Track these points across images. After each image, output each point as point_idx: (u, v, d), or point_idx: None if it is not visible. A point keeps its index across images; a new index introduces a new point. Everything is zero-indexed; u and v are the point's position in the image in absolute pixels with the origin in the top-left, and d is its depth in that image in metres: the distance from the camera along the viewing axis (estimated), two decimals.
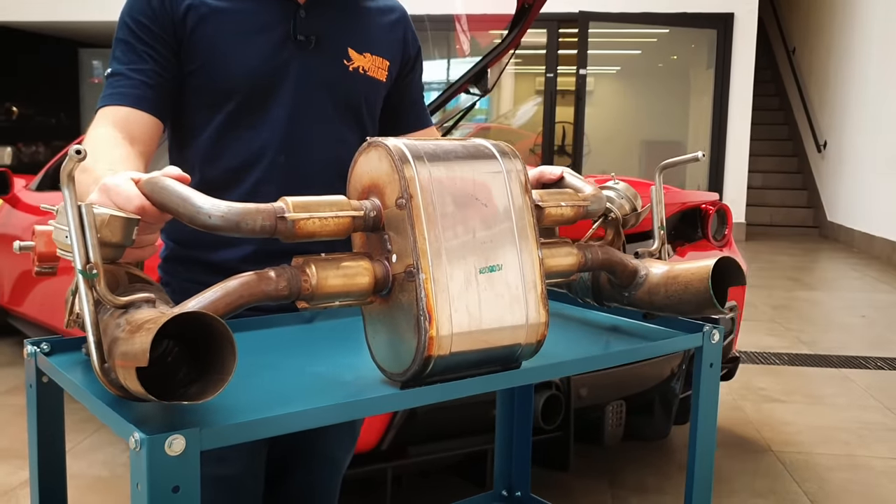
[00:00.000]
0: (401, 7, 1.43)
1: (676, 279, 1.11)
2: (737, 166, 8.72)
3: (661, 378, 2.62)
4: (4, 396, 3.44)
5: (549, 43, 8.74)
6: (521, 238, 0.94)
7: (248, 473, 1.29)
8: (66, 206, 0.76)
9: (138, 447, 0.71)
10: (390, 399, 0.88)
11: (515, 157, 0.97)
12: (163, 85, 1.21)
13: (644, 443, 2.97)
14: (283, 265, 0.86)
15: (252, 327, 1.17)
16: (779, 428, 3.24)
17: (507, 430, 1.50)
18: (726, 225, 3.09)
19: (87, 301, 0.76)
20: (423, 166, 0.90)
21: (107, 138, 1.11)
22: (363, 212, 0.90)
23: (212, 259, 1.25)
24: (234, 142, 1.25)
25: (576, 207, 1.09)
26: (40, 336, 3.34)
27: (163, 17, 1.21)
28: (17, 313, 4.05)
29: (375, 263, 0.90)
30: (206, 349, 0.73)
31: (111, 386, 0.76)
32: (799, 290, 6.16)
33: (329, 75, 1.29)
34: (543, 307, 0.94)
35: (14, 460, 2.80)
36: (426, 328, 0.86)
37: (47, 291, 3.68)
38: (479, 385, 0.94)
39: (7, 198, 4.11)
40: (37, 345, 1.00)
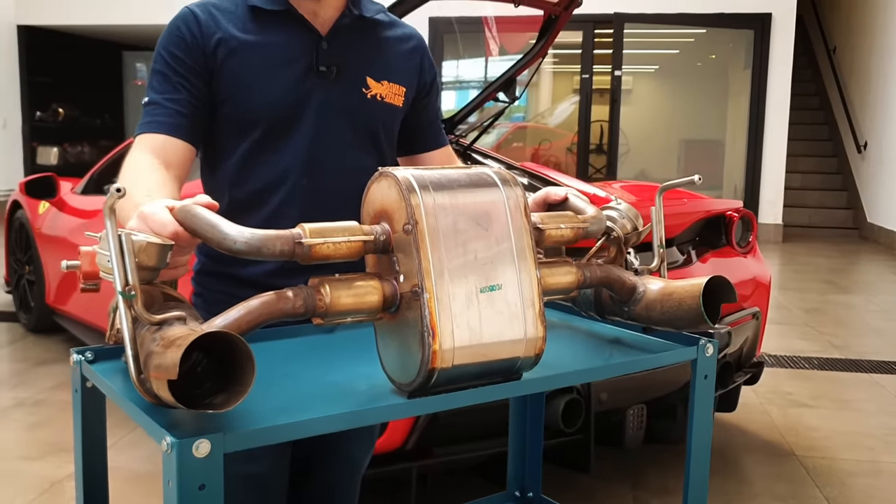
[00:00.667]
0: (418, 35, 1.51)
1: (671, 296, 1.18)
2: (774, 167, 8.66)
3: (682, 383, 2.67)
4: (50, 392, 3.60)
5: (585, 44, 8.76)
6: (520, 259, 1.02)
7: (275, 472, 1.39)
8: (108, 235, 0.85)
9: (169, 449, 0.80)
10: (397, 408, 0.97)
11: (516, 184, 1.05)
12: (195, 113, 1.31)
13: (666, 446, 3.02)
14: (301, 285, 0.95)
15: (276, 337, 1.27)
16: (804, 433, 3.27)
17: (520, 434, 1.58)
18: (751, 232, 3.13)
19: (126, 319, 0.85)
20: (429, 194, 0.98)
21: (145, 164, 1.21)
22: (373, 236, 0.99)
23: (240, 273, 1.35)
24: (260, 166, 1.35)
25: (575, 229, 1.16)
26: (83, 333, 3.51)
27: (195, 50, 1.31)
28: (62, 312, 4.22)
29: (385, 283, 0.99)
30: (230, 363, 0.83)
31: (146, 394, 0.86)
32: (834, 293, 6.13)
33: (348, 103, 1.38)
34: (541, 323, 1.02)
35: (60, 454, 2.94)
36: (429, 343, 0.94)
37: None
38: (481, 395, 1.02)
39: (54, 201, 4.28)
40: (82, 353, 1.10)
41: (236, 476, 1.33)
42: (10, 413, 3.34)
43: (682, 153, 10.09)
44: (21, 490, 2.66)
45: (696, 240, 3.02)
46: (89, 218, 3.97)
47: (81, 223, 4.00)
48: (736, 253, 3.04)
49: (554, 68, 11.04)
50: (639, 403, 2.60)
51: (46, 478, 2.75)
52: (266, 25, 1.35)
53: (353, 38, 1.40)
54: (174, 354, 0.79)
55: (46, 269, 4.33)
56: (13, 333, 4.57)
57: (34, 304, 4.49)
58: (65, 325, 4.24)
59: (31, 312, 4.55)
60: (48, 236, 4.27)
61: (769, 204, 8.70)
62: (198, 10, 1.33)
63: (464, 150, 3.74)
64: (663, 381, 2.63)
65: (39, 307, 4.42)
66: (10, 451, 2.97)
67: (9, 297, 5.00)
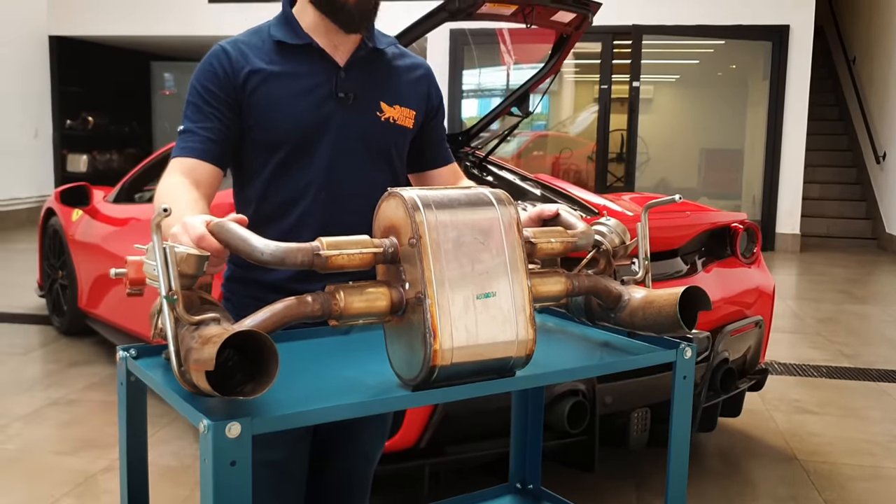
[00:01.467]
0: (426, 65, 1.66)
1: (652, 304, 1.31)
2: (791, 178, 8.72)
3: None
4: (84, 392, 3.77)
5: (604, 55, 8.88)
6: (513, 270, 1.15)
7: (294, 460, 1.53)
8: (155, 248, 1.00)
9: (206, 431, 0.94)
10: (402, 400, 1.11)
11: (510, 203, 1.19)
12: (224, 140, 1.46)
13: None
14: (318, 291, 1.09)
15: (299, 337, 1.41)
16: (807, 438, 3.37)
17: (521, 430, 1.71)
18: (755, 243, 3.23)
19: (169, 319, 1.00)
20: (431, 212, 1.12)
21: (179, 185, 1.37)
22: (383, 248, 1.12)
23: (265, 278, 1.49)
24: (284, 182, 1.50)
25: (565, 243, 1.29)
26: (114, 336, 3.73)
27: (226, 83, 1.46)
28: (93, 315, 4.39)
29: (392, 290, 1.13)
30: (257, 357, 0.97)
31: (186, 384, 1.00)
32: (848, 303, 6.19)
33: (364, 126, 1.53)
34: (531, 326, 1.15)
35: (94, 450, 3.10)
36: (431, 343, 1.07)
37: (121, 296, 4.00)
38: (477, 389, 1.15)
39: (87, 209, 4.46)
40: (127, 350, 1.24)
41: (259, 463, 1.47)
42: (44, 411, 3.51)
43: (702, 162, 10.16)
44: (57, 483, 2.82)
45: (702, 250, 3.13)
46: (121, 225, 4.14)
47: (113, 230, 4.18)
48: (740, 263, 3.14)
49: (575, 77, 11.15)
50: (643, 407, 2.72)
51: (81, 472, 2.91)
52: (290, 57, 1.50)
53: (368, 68, 1.54)
54: (211, 350, 0.93)
55: (79, 274, 4.51)
56: (46, 336, 4.76)
57: (67, 307, 4.67)
58: (96, 327, 4.41)
59: (63, 316, 4.74)
60: (81, 243, 4.45)
61: (787, 214, 8.75)
62: (228, 47, 1.49)
63: (479, 162, 3.88)
64: (667, 385, 2.74)
65: (72, 311, 4.61)
66: (45, 447, 3.14)
67: (42, 301, 5.20)
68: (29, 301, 5.50)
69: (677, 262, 2.91)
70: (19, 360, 4.29)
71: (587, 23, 3.10)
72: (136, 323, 3.81)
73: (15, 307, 5.42)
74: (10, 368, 4.12)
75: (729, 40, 9.22)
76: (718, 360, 2.81)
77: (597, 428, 2.55)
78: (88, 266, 4.38)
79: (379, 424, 1.68)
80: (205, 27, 9.72)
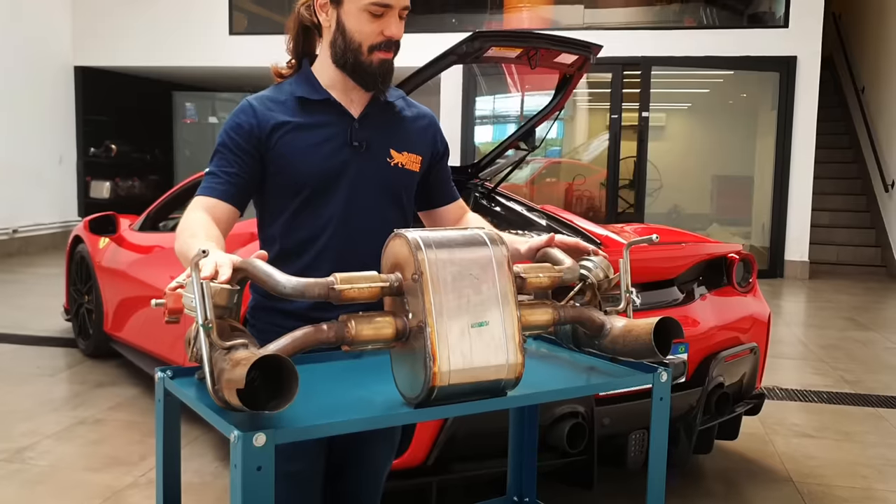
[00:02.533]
0: (431, 114, 1.84)
1: (631, 332, 1.46)
2: (800, 206, 8.83)
3: (683, 411, 2.92)
4: (109, 412, 3.94)
5: (614, 85, 9.05)
6: (504, 302, 1.31)
7: (312, 471, 1.69)
8: (193, 282, 1.17)
9: (236, 441, 1.11)
10: (405, 416, 1.27)
11: (502, 243, 1.35)
12: (243, 185, 1.64)
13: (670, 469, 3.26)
14: (333, 321, 1.25)
15: (316, 360, 1.57)
16: (803, 461, 3.49)
17: (518, 446, 1.86)
18: (751, 273, 3.38)
19: (204, 344, 1.16)
20: (432, 251, 1.28)
21: (200, 220, 1.55)
22: (389, 283, 1.29)
23: (286, 307, 1.66)
24: (305, 221, 1.68)
25: (552, 277, 1.45)
26: (137, 358, 3.97)
27: (251, 135, 1.65)
28: (117, 338, 4.58)
29: (397, 319, 1.29)
30: (280, 377, 1.13)
31: (219, 401, 1.16)
32: (853, 330, 6.29)
33: (376, 170, 1.70)
34: (520, 352, 1.31)
35: (121, 467, 3.27)
36: (430, 366, 1.23)
37: (144, 321, 4.19)
38: (472, 407, 1.31)
39: (113, 237, 4.67)
40: (164, 372, 1.41)
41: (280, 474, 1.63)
42: (73, 430, 3.69)
43: (714, 190, 10.29)
44: (85, 498, 2.99)
45: (699, 279, 3.27)
46: (146, 253, 4.34)
47: (139, 257, 4.37)
48: (736, 292, 3.28)
49: (590, 105, 11.33)
50: (640, 429, 2.86)
51: (109, 487, 3.08)
52: (310, 111, 1.68)
53: (379, 119, 1.72)
54: (241, 371, 1.10)
55: (105, 299, 4.70)
56: (72, 358, 4.94)
57: (92, 330, 4.86)
58: (120, 350, 4.60)
59: (89, 339, 4.93)
60: (107, 269, 4.65)
61: (795, 241, 8.86)
62: (255, 103, 1.68)
63: (488, 193, 4.06)
64: None
65: (97, 334, 4.80)
66: (74, 464, 3.31)
67: (68, 325, 5.39)
68: (55, 324, 5.70)
69: (674, 291, 3.05)
70: (47, 381, 4.47)
71: (588, 64, 3.28)
72: (157, 346, 3.99)
73: (42, 330, 5.62)
74: (38, 389, 4.30)
75: (737, 72, 9.39)
76: (713, 384, 2.95)
77: (595, 448, 2.69)
78: (114, 291, 4.57)
79: (388, 442, 1.85)
80: (225, 58, 10.00)
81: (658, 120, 10.75)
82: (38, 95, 9.91)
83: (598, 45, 3.23)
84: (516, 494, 1.88)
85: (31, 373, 4.60)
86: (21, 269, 8.44)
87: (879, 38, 10.18)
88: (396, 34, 1.65)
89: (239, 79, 11.24)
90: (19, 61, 9.54)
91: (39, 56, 9.92)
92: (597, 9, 10.65)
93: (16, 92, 9.49)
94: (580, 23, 10.27)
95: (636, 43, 9.05)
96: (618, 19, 10.65)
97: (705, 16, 10.05)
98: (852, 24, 11.70)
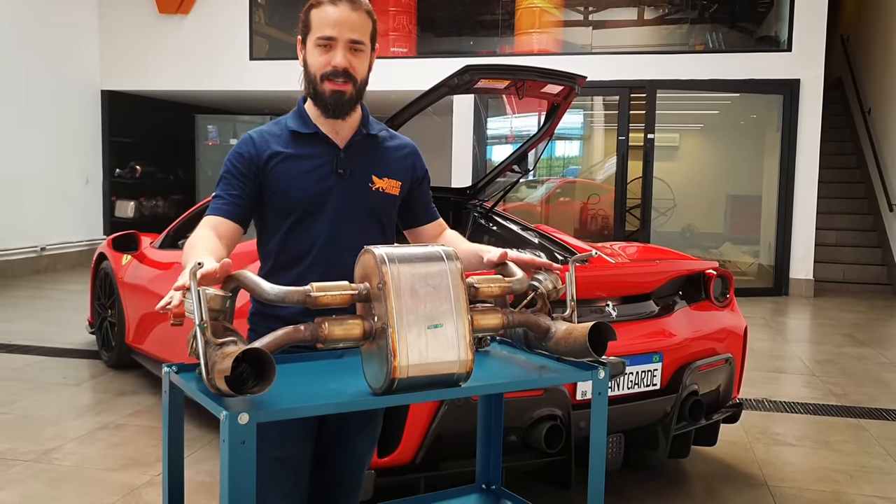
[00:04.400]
0: (412, 144, 2.09)
1: (570, 335, 1.69)
2: (804, 225, 8.99)
3: (657, 416, 3.13)
4: (130, 418, 4.21)
5: (621, 108, 9.28)
6: (457, 308, 1.55)
7: (299, 457, 1.93)
8: (192, 290, 1.42)
9: (224, 420, 1.35)
10: (367, 401, 1.51)
11: (457, 259, 1.59)
12: (244, 206, 1.89)
13: (650, 470, 3.47)
14: (310, 322, 1.50)
15: (303, 360, 1.81)
16: (780, 467, 3.68)
17: (486, 439, 2.09)
18: (729, 289, 3.59)
19: (200, 341, 1.41)
20: (395, 265, 1.53)
21: (203, 236, 1.81)
22: (358, 291, 1.53)
23: (279, 314, 1.90)
24: (296, 239, 1.93)
25: (502, 287, 1.69)
26: (157, 368, 4.32)
27: (251, 163, 1.91)
28: (139, 350, 4.85)
29: (365, 321, 1.53)
30: (262, 368, 1.37)
31: (212, 388, 1.41)
32: (849, 346, 6.44)
33: (358, 194, 1.95)
34: (470, 350, 1.55)
35: (139, 467, 3.53)
36: (391, 361, 1.47)
37: (163, 333, 4.46)
38: (428, 396, 1.55)
39: (135, 254, 4.95)
40: (170, 367, 1.66)
41: (272, 459, 1.88)
42: (95, 434, 3.95)
43: (726, 208, 10.47)
44: (106, 494, 3.25)
45: (679, 294, 3.49)
46: (165, 269, 4.61)
47: (158, 273, 4.65)
48: (713, 307, 3.49)
49: (606, 126, 11.55)
50: (617, 433, 3.08)
51: (127, 485, 3.33)
52: (301, 142, 1.94)
53: (362, 149, 1.98)
54: (228, 361, 1.34)
55: (127, 313, 4.98)
56: (96, 369, 5.23)
57: (115, 343, 5.15)
58: (141, 361, 4.87)
59: (111, 350, 5.21)
60: (129, 284, 4.93)
61: (800, 260, 9.01)
62: (255, 136, 1.95)
63: (486, 214, 4.30)
64: (639, 413, 3.10)
65: (119, 346, 5.08)
66: (96, 464, 3.57)
67: (92, 337, 5.68)
68: (80, 337, 6.00)
69: (650, 305, 3.27)
70: (73, 390, 4.75)
71: (574, 94, 3.52)
72: (175, 357, 4.25)
73: (68, 343, 5.92)
74: (64, 397, 4.58)
75: (742, 94, 9.59)
76: (687, 391, 3.16)
77: (572, 449, 2.91)
78: (135, 305, 4.85)
79: (369, 431, 2.08)
80: (246, 82, 10.36)
81: (671, 140, 10.95)
82: (66, 118, 10.30)
83: (583, 76, 3.47)
84: (484, 482, 2.10)
85: (58, 382, 4.89)
86: (49, 286, 8.78)
87: (886, 60, 10.35)
88: (340, 63, 1.87)
89: (259, 102, 11.62)
90: (49, 85, 9.94)
91: (68, 80, 10.33)
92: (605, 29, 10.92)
93: (46, 115, 9.89)
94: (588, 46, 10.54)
95: (643, 66, 9.29)
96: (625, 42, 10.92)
97: (711, 39, 10.29)
98: (859, 46, 11.88)
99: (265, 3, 11.04)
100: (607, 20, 11.43)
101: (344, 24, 1.87)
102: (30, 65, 9.57)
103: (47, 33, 9.86)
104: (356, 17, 1.89)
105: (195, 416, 3.99)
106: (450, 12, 12.33)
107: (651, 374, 3.10)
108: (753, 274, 9.89)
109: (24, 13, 9.43)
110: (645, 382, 3.08)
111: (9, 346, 5.80)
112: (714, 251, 10.29)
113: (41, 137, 9.83)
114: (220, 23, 10.40)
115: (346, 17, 1.88)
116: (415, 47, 10.59)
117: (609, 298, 3.14)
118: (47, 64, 9.89)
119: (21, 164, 9.47)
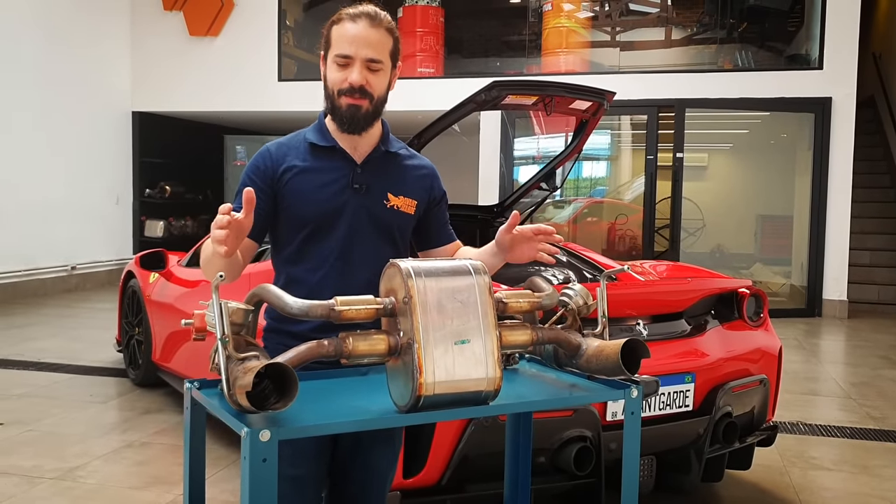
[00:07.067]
0: (430, 166, 2.06)
1: (602, 352, 1.64)
2: (838, 245, 8.84)
3: (689, 439, 3.05)
4: (155, 436, 4.19)
5: (649, 127, 9.21)
6: (485, 323, 1.51)
7: (313, 475, 1.89)
8: (214, 304, 1.39)
9: (245, 436, 1.31)
10: (392, 419, 1.46)
11: (485, 273, 1.54)
12: (260, 219, 1.85)
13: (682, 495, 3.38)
14: (333, 337, 1.46)
15: (327, 377, 1.77)
16: (817, 492, 3.57)
17: (514, 464, 2.03)
18: (763, 308, 3.50)
19: (222, 356, 1.38)
20: (421, 279, 1.49)
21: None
22: (383, 305, 1.49)
23: (294, 330, 1.87)
24: (309, 252, 1.91)
25: (531, 303, 1.64)
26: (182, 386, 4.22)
27: (266, 174, 1.89)
28: (165, 368, 4.85)
29: (390, 337, 1.49)
30: (284, 383, 1.33)
31: (234, 404, 1.37)
32: (886, 368, 6.29)
33: (373, 211, 1.93)
34: (499, 367, 1.50)
35: (163, 485, 3.50)
36: (417, 378, 1.43)
37: (189, 351, 4.44)
38: (455, 414, 1.50)
39: (163, 272, 4.96)
40: (192, 383, 1.62)
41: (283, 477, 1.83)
42: (121, 452, 3.94)
43: (757, 228, 10.34)
44: None
45: (711, 313, 3.41)
46: (192, 287, 4.61)
47: (185, 291, 4.65)
48: (746, 326, 3.41)
49: (633, 146, 11.47)
50: (648, 455, 3.00)
51: (151, 503, 3.30)
52: (319, 155, 1.92)
53: (380, 166, 1.95)
54: (249, 377, 1.31)
55: (154, 331, 4.98)
56: (122, 387, 5.23)
57: (142, 361, 5.15)
58: (167, 379, 4.86)
59: (138, 368, 5.21)
60: (157, 302, 4.94)
61: (833, 281, 8.85)
62: (272, 148, 1.93)
63: None
64: (670, 435, 3.02)
65: (146, 364, 5.08)
66: (121, 482, 3.55)
67: (119, 356, 5.69)
68: (108, 355, 6.01)
69: (681, 324, 3.20)
70: (99, 407, 4.75)
71: (603, 110, 3.47)
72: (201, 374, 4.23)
73: (95, 361, 5.93)
74: (90, 415, 4.58)
75: (773, 113, 9.48)
76: (720, 413, 3.07)
77: (602, 472, 2.84)
78: (162, 323, 4.85)
79: (388, 446, 2.03)
80: (274, 103, 10.43)
81: (700, 160, 10.85)
82: (97, 139, 10.42)
83: (612, 92, 3.43)
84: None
85: (85, 400, 4.89)
86: (78, 304, 8.85)
87: None
88: (356, 81, 1.86)
89: (287, 122, 11.65)
90: (81, 107, 10.08)
91: (99, 102, 10.46)
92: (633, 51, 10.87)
93: (77, 136, 10.01)
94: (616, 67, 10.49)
95: (671, 84, 9.23)
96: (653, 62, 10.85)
97: (740, 58, 10.20)
98: (892, 63, 11.72)
99: (294, 26, 11.13)
100: (635, 41, 11.38)
101: (361, 43, 1.86)
102: (64, 88, 9.71)
103: (80, 57, 10.00)
104: (375, 34, 1.87)
105: (222, 434, 3.96)
106: (477, 33, 12.37)
107: (683, 394, 3.03)
108: (785, 295, 9.73)
109: (57, 39, 9.58)
110: (677, 403, 3.01)
111: (38, 363, 5.82)
112: (745, 272, 10.14)
113: (73, 159, 9.95)
114: (250, 45, 10.49)
115: (364, 35, 1.86)
116: (442, 68, 10.62)
117: (639, 317, 3.08)
118: (80, 87, 10.02)
119: (53, 185, 9.59)
